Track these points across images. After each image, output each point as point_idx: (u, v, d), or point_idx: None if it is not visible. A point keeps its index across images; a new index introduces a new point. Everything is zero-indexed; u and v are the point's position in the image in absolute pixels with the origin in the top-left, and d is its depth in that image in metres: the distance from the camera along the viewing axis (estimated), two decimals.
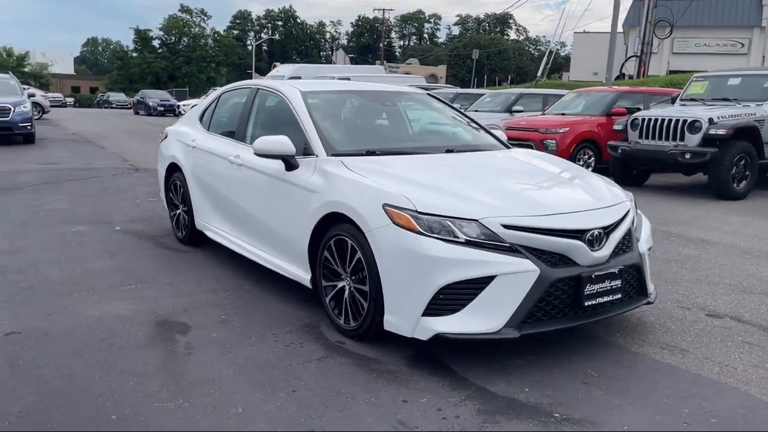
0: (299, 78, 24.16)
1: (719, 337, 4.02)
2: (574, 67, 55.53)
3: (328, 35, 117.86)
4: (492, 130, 5.23)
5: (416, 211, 3.40)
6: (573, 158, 11.89)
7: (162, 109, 35.39)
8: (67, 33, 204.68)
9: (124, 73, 64.07)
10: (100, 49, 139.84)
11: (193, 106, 7.26)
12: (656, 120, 10.11)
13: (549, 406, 3.07)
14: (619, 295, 3.64)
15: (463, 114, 5.31)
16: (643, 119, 10.32)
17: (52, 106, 33.46)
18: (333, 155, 4.15)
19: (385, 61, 67.84)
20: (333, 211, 3.82)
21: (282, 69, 25.83)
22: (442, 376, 3.36)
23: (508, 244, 3.34)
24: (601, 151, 11.93)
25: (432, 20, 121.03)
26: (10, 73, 19.72)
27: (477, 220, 3.35)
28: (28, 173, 10.72)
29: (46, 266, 5.29)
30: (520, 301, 3.30)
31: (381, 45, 60.45)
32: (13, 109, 15.97)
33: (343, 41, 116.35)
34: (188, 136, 5.88)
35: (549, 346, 3.74)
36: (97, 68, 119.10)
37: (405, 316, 3.41)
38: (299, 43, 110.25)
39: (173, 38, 64.82)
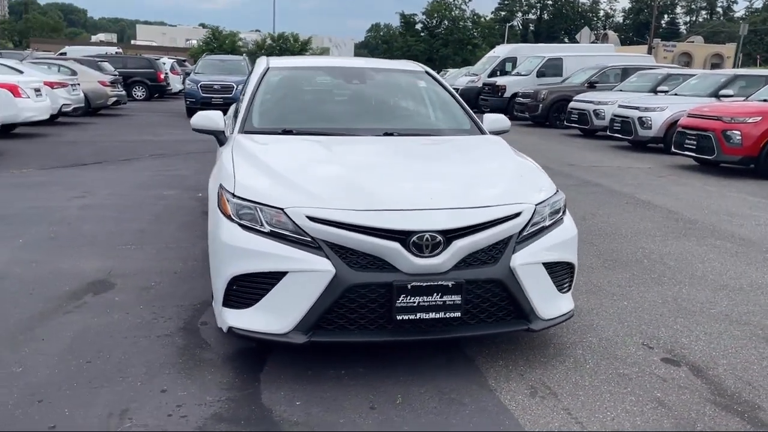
0: (515, 58, 23.49)
1: (631, 387, 3.11)
2: None
3: (601, 13, 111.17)
4: (486, 116, 4.63)
5: (233, 194, 3.20)
6: (764, 155, 9.79)
7: None
8: (357, 20, 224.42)
9: (388, 56, 68.20)
10: (381, 34, 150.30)
11: None
12: None
13: (291, 425, 2.71)
14: (458, 314, 3.02)
15: (453, 96, 4.75)
16: None
17: None
18: (245, 132, 4.08)
19: (659, 40, 62.17)
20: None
21: (498, 50, 25.33)
22: (240, 374, 3.14)
23: (309, 239, 2.98)
24: None
25: None
26: (244, 55, 22.46)
27: (282, 210, 3.04)
28: (199, 143, 12.14)
29: (93, 222, 6.03)
30: (311, 304, 2.93)
31: (652, 21, 55.25)
32: (235, 86, 18.15)
33: (618, 19, 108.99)
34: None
35: (400, 361, 3.27)
36: (377, 52, 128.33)
37: (216, 304, 3.26)
38: (569, 22, 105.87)
39: (434, 22, 67.05)
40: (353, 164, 3.56)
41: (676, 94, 13.65)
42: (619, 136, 13.79)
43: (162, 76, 25.14)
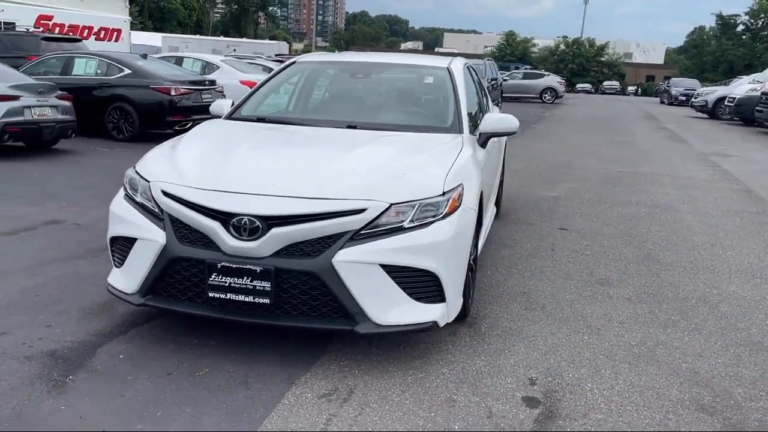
0: None
1: (435, 415, 2.74)
2: None
3: None
4: (487, 116, 4.31)
5: (133, 168, 3.61)
6: None
7: (683, 98, 33.26)
8: (677, 23, 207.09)
9: (697, 62, 61.80)
10: (705, 38, 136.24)
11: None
12: None
13: (87, 372, 3.02)
14: (267, 300, 2.99)
15: (455, 94, 4.43)
16: None
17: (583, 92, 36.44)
18: (229, 118, 4.46)
19: None
20: None
21: None
22: (121, 326, 3.52)
23: (158, 211, 3.25)
24: None
25: None
26: (487, 59, 22.67)
27: (149, 183, 3.35)
28: None
29: None
30: (147, 271, 3.21)
31: None
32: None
33: None
34: None
35: (261, 341, 3.35)
36: (687, 56, 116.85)
37: None
38: None
39: (761, 23, 58.22)
40: (253, 151, 3.72)
41: None
42: None
43: None
